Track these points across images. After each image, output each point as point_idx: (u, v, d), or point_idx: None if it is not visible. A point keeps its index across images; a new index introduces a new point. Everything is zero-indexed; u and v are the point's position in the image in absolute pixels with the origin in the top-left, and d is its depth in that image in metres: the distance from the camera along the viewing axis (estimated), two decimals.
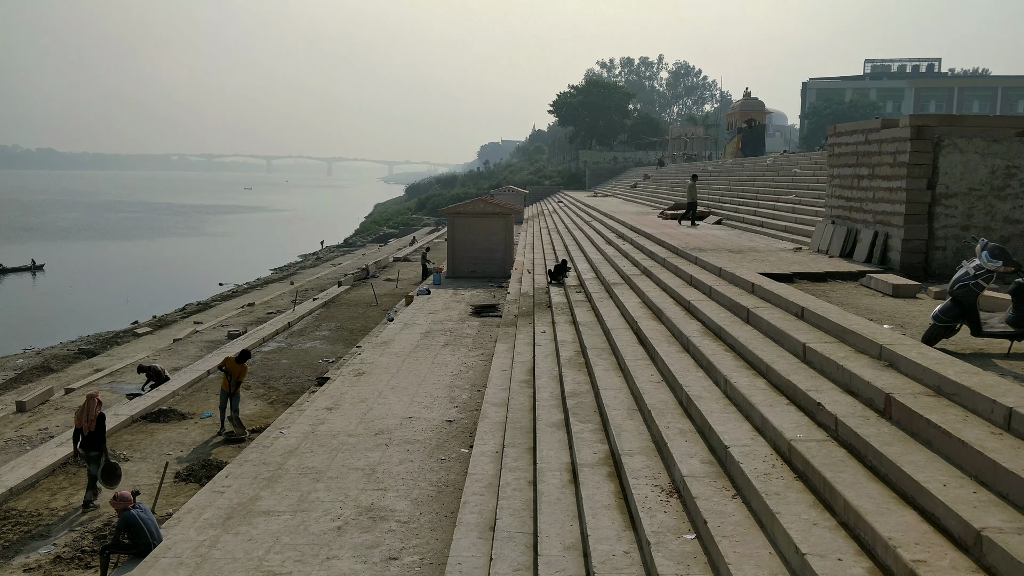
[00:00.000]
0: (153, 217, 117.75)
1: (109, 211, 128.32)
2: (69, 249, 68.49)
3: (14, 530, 10.30)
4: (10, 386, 21.81)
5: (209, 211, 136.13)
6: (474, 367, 17.30)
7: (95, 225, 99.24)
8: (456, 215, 33.60)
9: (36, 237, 78.79)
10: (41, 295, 46.87)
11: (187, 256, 68.46)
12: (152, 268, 59.85)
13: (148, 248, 74.63)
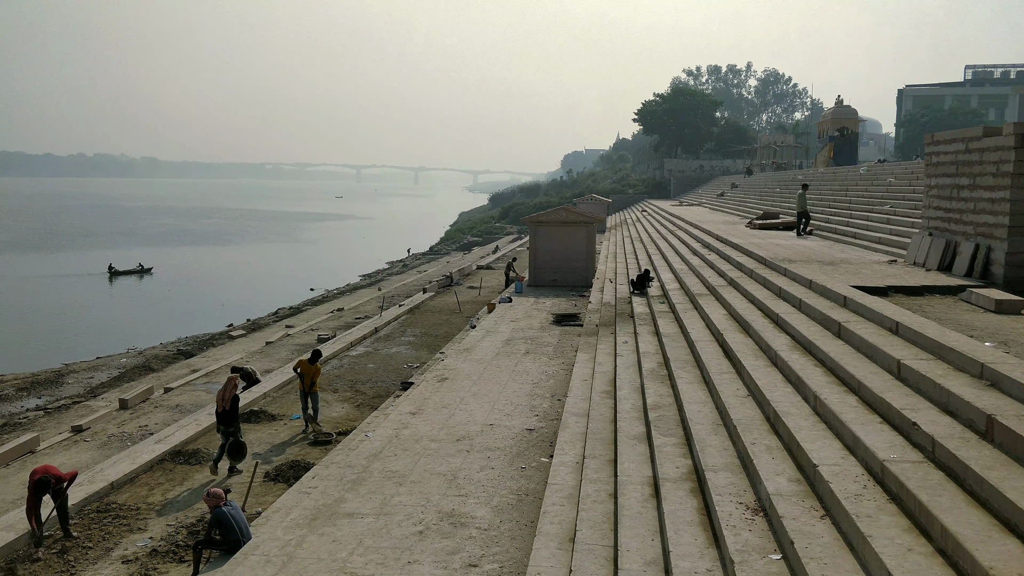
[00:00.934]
0: (248, 224, 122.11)
1: (207, 217, 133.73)
2: (171, 254, 71.60)
3: (114, 523, 10.80)
4: (113, 384, 22.95)
5: (301, 218, 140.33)
6: (554, 376, 17.29)
7: (194, 231, 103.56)
8: (538, 224, 33.68)
9: (140, 242, 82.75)
10: (147, 297, 49.17)
11: (280, 262, 70.70)
12: (247, 273, 62.08)
13: (243, 254, 77.41)
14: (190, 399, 18.20)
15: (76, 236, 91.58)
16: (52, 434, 16.24)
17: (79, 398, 21.17)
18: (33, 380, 23.94)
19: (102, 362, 26.83)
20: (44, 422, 18.23)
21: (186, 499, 11.61)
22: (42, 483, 9.85)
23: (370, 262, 66.37)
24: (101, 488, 11.73)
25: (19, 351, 31.38)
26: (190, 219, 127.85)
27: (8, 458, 14.12)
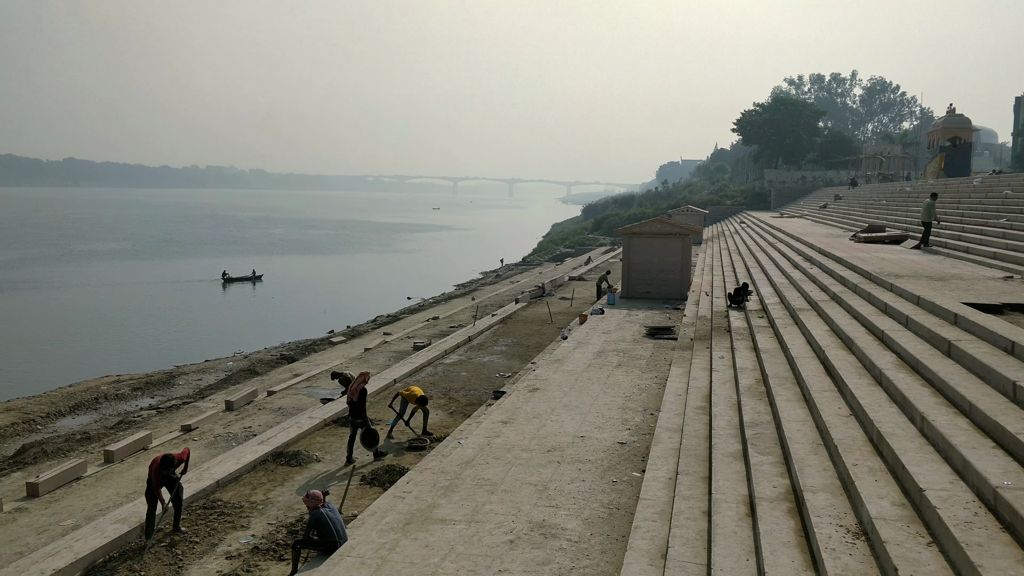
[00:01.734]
0: (350, 234, 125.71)
1: (312, 227, 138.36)
2: (278, 262, 74.30)
3: (219, 519, 11.29)
4: (220, 386, 23.98)
5: (400, 229, 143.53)
6: (647, 390, 17.10)
7: (300, 240, 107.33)
8: (632, 235, 33.42)
9: (250, 250, 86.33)
10: (255, 303, 51.22)
11: (379, 271, 72.46)
12: (348, 281, 63.91)
13: (345, 263, 79.72)
14: (292, 402, 18.84)
15: (191, 244, 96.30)
16: (163, 432, 17.10)
17: (188, 399, 22.21)
18: (147, 381, 25.29)
19: (210, 365, 28.09)
20: (156, 421, 19.21)
21: (286, 499, 12.02)
22: (167, 459, 10.38)
23: (464, 272, 67.25)
24: (208, 486, 12.29)
25: (136, 353, 33.21)
26: (296, 229, 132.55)
27: (123, 454, 14.95)
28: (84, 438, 18.15)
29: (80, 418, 21.45)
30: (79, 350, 34.21)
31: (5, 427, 20.22)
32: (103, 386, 24.75)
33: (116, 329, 40.08)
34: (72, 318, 42.89)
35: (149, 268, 68.74)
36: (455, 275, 64.50)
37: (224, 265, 62.80)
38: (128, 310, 46.12)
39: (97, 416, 21.59)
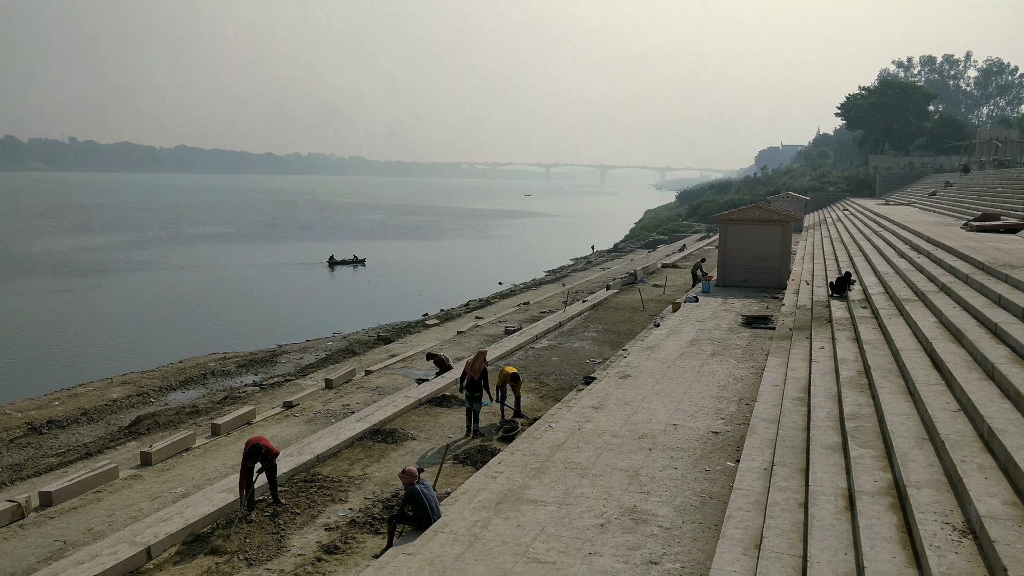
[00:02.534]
0: (445, 220, 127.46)
1: (409, 214, 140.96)
2: (377, 247, 76.00)
3: (319, 493, 11.71)
4: (320, 365, 24.80)
5: (493, 215, 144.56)
6: (743, 380, 16.77)
7: (397, 226, 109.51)
8: (729, 222, 32.70)
9: (350, 235, 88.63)
10: (355, 286, 52.65)
11: (472, 256, 73.27)
12: (441, 266, 64.89)
13: (440, 248, 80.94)
14: (388, 382, 19.32)
15: (294, 229, 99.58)
16: (266, 408, 17.83)
17: (290, 376, 23.07)
18: (251, 359, 26.38)
19: (311, 344, 29.07)
20: (259, 397, 20.04)
21: (382, 475, 12.37)
22: (255, 449, 10.82)
23: (555, 258, 67.24)
24: (308, 460, 12.76)
25: (241, 332, 34.66)
26: (393, 215, 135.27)
27: (229, 427, 15.67)
28: (193, 411, 19.12)
29: (189, 392, 22.58)
30: (189, 328, 35.95)
31: (121, 399, 21.48)
32: (211, 362, 25.97)
33: (223, 309, 41.92)
34: (182, 297, 45.07)
35: (255, 251, 71.47)
36: (546, 261, 64.57)
37: (328, 249, 64.77)
38: (234, 291, 48.13)
39: (205, 391, 22.69)
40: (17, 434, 18.58)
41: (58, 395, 22.20)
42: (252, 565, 9.29)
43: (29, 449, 17.74)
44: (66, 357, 29.85)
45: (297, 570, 9.16)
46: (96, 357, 29.71)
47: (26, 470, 15.53)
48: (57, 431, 18.88)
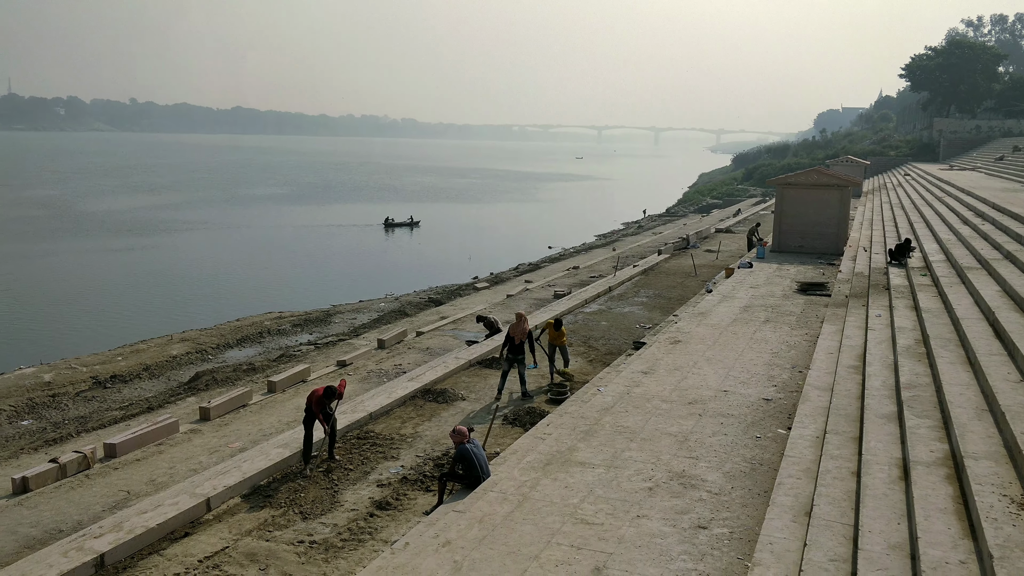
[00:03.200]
0: (495, 183, 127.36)
1: (460, 176, 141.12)
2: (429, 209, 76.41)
3: (371, 450, 11.95)
4: (372, 326, 25.17)
5: (543, 179, 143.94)
6: (796, 347, 16.54)
7: (448, 188, 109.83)
8: (786, 186, 32.01)
9: (402, 198, 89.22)
10: (409, 248, 53.10)
11: (522, 220, 73.17)
12: (491, 229, 64.99)
13: (490, 211, 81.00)
14: (439, 343, 19.53)
15: (347, 190, 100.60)
16: (320, 367, 18.18)
17: (343, 336, 23.47)
18: (306, 318, 26.89)
19: (364, 305, 29.49)
20: (314, 355, 20.44)
21: (433, 434, 12.56)
22: (330, 390, 11.03)
23: (606, 222, 66.77)
24: (361, 417, 13.02)
25: (296, 292, 35.31)
26: (444, 177, 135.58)
27: (285, 385, 16.03)
28: (249, 369, 19.62)
29: (246, 350, 23.14)
30: (245, 287, 36.73)
31: (181, 356, 22.12)
32: (267, 321, 26.54)
33: (279, 269, 42.71)
34: (239, 257, 46.00)
35: (310, 212, 72.45)
36: (596, 225, 64.17)
37: (382, 211, 65.32)
38: (290, 251, 48.94)
39: (261, 349, 23.22)
40: (82, 388, 19.30)
41: (121, 351, 22.95)
42: (307, 519, 9.56)
43: (94, 402, 18.42)
44: (128, 314, 30.80)
45: (350, 524, 9.40)
46: (156, 314, 30.60)
47: (91, 422, 16.15)
48: (120, 385, 19.56)
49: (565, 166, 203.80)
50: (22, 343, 26.01)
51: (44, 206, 70.58)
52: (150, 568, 8.45)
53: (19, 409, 17.74)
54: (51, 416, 17.52)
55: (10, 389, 18.87)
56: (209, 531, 9.31)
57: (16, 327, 28.42)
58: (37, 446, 14.22)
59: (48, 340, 26.26)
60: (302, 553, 8.70)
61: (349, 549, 8.82)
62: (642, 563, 7.65)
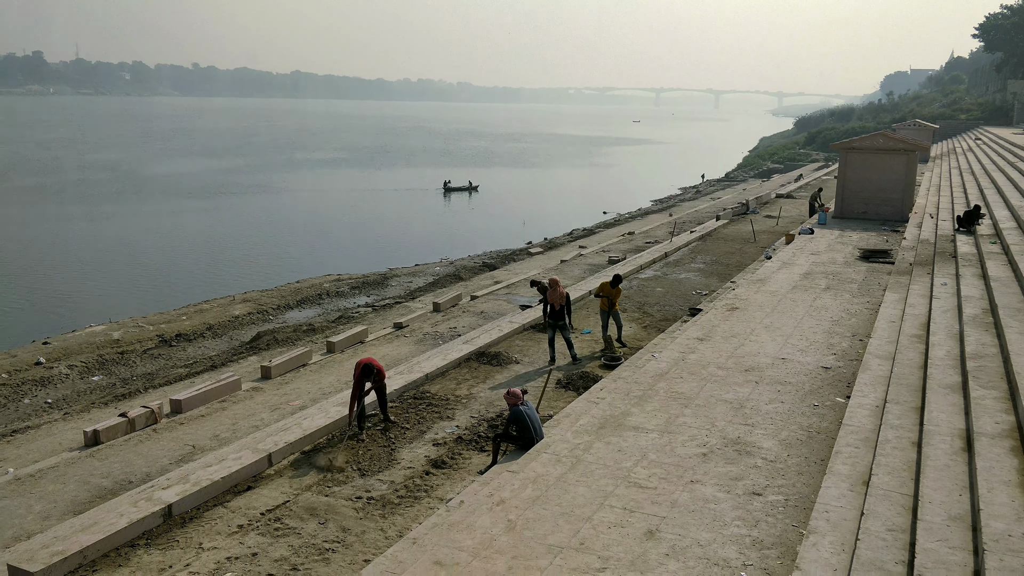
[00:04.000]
0: (550, 147, 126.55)
1: (512, 141, 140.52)
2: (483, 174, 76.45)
3: (427, 410, 12.14)
4: (428, 289, 25.41)
5: (599, 143, 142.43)
6: (857, 315, 16.19)
7: (503, 153, 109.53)
8: (850, 150, 31.11)
9: (457, 162, 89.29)
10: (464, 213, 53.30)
11: (576, 185, 72.69)
12: (545, 194, 64.74)
13: (542, 176, 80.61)
14: (493, 307, 19.64)
15: (403, 155, 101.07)
16: (377, 328, 18.47)
17: (400, 299, 23.76)
18: (363, 281, 27.27)
19: (419, 269, 29.78)
20: (371, 317, 20.76)
21: (487, 396, 12.70)
22: (367, 368, 11.23)
23: (663, 187, 65.93)
24: (417, 378, 13.22)
25: (354, 255, 35.79)
26: (499, 142, 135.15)
27: (343, 346, 16.34)
28: (309, 329, 20.03)
29: (306, 311, 23.62)
30: (305, 250, 37.38)
31: (243, 316, 22.68)
32: (325, 283, 27.02)
33: (337, 232, 43.30)
34: (298, 220, 46.76)
35: (368, 176, 73.12)
36: (653, 190, 63.41)
37: (441, 175, 65.54)
38: (348, 215, 49.55)
39: (320, 310, 23.67)
40: (149, 345, 19.97)
41: (185, 310, 23.63)
42: (364, 475, 9.79)
43: (160, 360, 19.06)
44: (191, 275, 31.64)
45: (407, 482, 9.60)
46: (219, 275, 31.38)
47: (157, 379, 16.73)
48: (185, 344, 20.17)
49: (622, 129, 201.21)
50: (92, 302, 26.96)
51: (110, 169, 72.56)
52: (215, 519, 8.77)
53: (90, 365, 18.46)
54: (120, 372, 18.20)
55: (81, 346, 19.63)
56: (271, 485, 9.62)
57: (86, 286, 29.45)
58: (107, 401, 14.81)
59: (116, 299, 27.17)
60: (360, 508, 8.93)
61: (405, 506, 9.02)
62: (695, 527, 7.67)
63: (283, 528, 8.47)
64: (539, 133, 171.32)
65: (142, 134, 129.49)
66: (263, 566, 7.74)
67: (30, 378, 17.38)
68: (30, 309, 26.04)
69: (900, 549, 6.80)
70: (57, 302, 26.98)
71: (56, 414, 14.31)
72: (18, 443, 12.12)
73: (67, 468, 10.51)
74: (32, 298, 27.47)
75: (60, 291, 28.54)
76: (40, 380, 17.36)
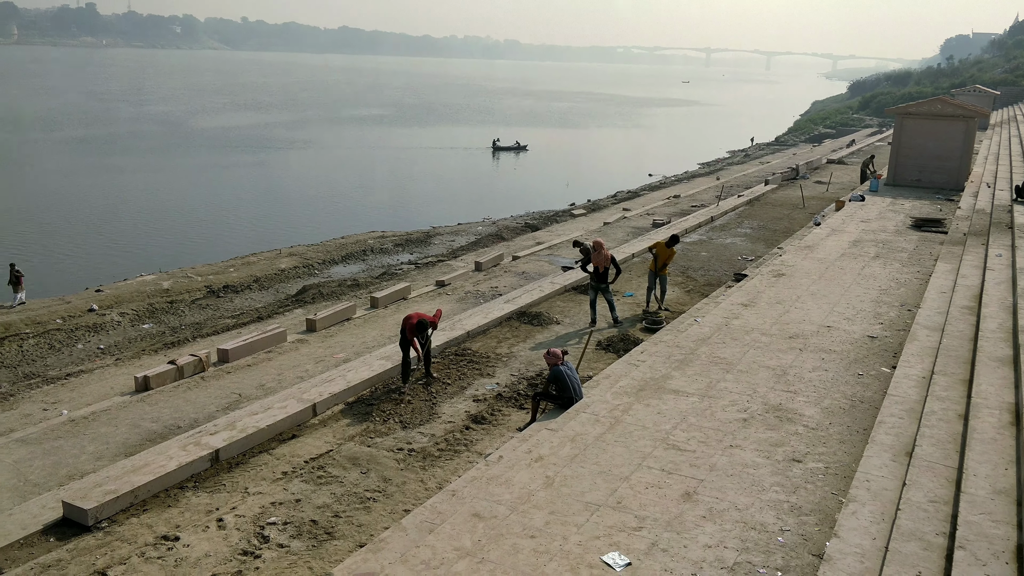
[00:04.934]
0: (596, 107, 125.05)
1: (558, 100, 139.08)
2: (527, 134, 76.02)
3: (468, 367, 12.25)
4: (470, 248, 25.48)
5: (646, 103, 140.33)
6: (906, 284, 15.87)
7: (547, 113, 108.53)
8: (906, 116, 30.22)
9: (500, 122, 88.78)
10: (507, 173, 53.11)
11: (621, 146, 71.85)
12: (589, 155, 64.14)
13: (588, 136, 79.81)
14: (534, 267, 19.64)
15: (448, 113, 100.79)
16: (420, 286, 18.61)
17: (442, 257, 23.88)
18: (407, 238, 27.44)
19: (462, 228, 29.83)
20: (414, 275, 20.92)
21: (527, 355, 12.76)
22: (423, 324, 11.32)
23: (710, 150, 64.84)
24: (459, 335, 13.33)
25: (398, 213, 35.99)
26: (545, 101, 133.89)
27: (386, 301, 16.51)
28: (353, 284, 20.27)
29: (350, 267, 23.88)
30: (350, 206, 37.66)
31: (289, 269, 23.01)
32: (370, 240, 27.24)
33: (381, 189, 43.49)
34: (343, 176, 47.03)
35: (413, 134, 73.10)
36: (700, 153, 62.42)
37: (486, 135, 65.30)
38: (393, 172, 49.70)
39: (364, 266, 23.92)
40: (197, 296, 20.39)
41: (232, 262, 24.05)
42: (406, 428, 9.95)
43: (208, 310, 19.48)
44: (238, 228, 32.12)
45: (447, 436, 9.74)
46: (265, 229, 31.82)
47: (205, 328, 17.12)
48: (232, 295, 20.56)
49: (670, 90, 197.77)
50: (142, 252, 27.57)
51: (160, 122, 73.60)
52: (260, 465, 9.01)
53: (140, 313, 18.94)
54: (169, 321, 18.65)
55: (132, 294, 20.13)
56: (315, 434, 9.83)
57: (137, 237, 30.09)
58: (157, 348, 15.21)
59: (165, 250, 27.75)
60: (401, 460, 9.09)
61: (445, 459, 9.16)
62: (733, 491, 7.67)
63: (326, 476, 8.67)
64: (585, 92, 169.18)
65: (190, 87, 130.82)
66: (306, 512, 7.95)
67: (83, 324, 17.91)
68: (83, 257, 26.73)
69: (942, 521, 6.74)
70: (109, 251, 27.65)
71: (108, 360, 14.76)
72: (72, 386, 12.54)
73: (119, 412, 10.85)
74: (85, 246, 28.18)
75: (112, 240, 29.22)
76: (93, 326, 17.88)
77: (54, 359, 16.04)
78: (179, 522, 7.81)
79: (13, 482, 8.89)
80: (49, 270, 24.78)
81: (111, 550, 7.32)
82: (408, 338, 11.17)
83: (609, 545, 6.75)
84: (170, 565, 7.08)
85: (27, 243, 28.10)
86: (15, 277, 19.45)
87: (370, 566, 6.47)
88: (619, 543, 6.78)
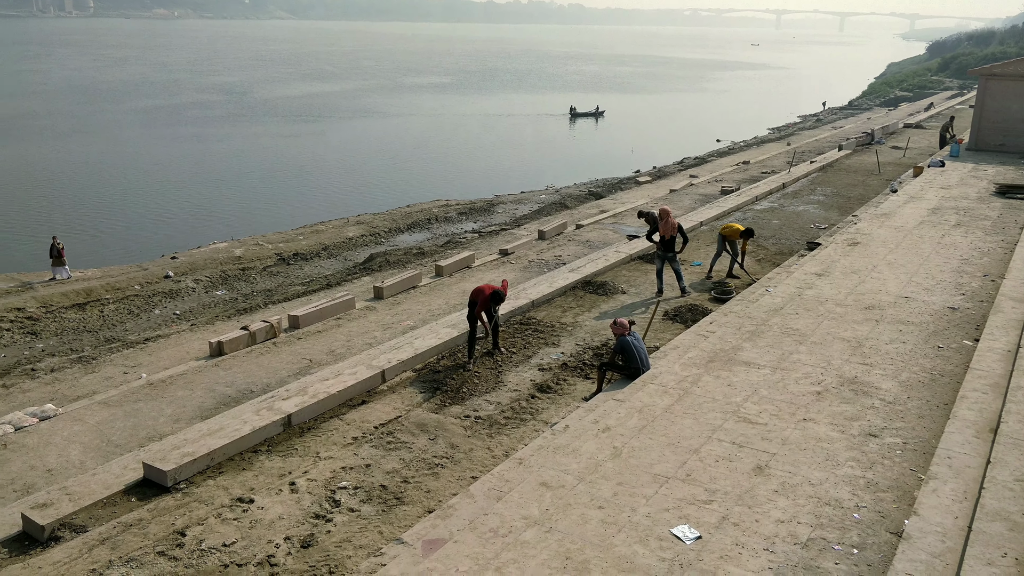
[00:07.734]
0: (659, 71, 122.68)
1: (622, 64, 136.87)
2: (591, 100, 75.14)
3: (533, 336, 12.23)
4: (533, 217, 25.38)
5: (713, 67, 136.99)
6: (990, 254, 15.22)
7: (610, 78, 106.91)
8: (990, 77, 28.80)
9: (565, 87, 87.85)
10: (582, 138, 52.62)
11: (688, 111, 70.37)
12: (654, 121, 63.01)
13: (653, 101, 78.37)
14: (599, 236, 19.46)
15: (512, 79, 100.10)
16: (484, 254, 18.63)
17: (506, 226, 23.85)
18: (470, 207, 27.46)
19: (525, 196, 29.71)
20: (478, 243, 20.95)
21: (592, 324, 12.66)
22: (497, 295, 11.24)
23: (781, 115, 63.01)
24: (524, 304, 13.30)
25: (461, 181, 36.02)
26: (609, 66, 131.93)
27: (451, 270, 16.58)
28: (419, 253, 20.41)
29: (415, 235, 24.05)
30: (414, 174, 37.83)
31: (356, 238, 23.29)
32: (434, 208, 27.36)
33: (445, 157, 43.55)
34: (407, 145, 47.21)
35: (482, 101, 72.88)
36: (770, 118, 60.72)
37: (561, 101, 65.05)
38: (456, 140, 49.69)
39: (429, 235, 24.05)
40: (268, 263, 20.82)
41: (302, 230, 24.45)
42: (473, 396, 10.00)
43: (278, 277, 19.88)
44: (306, 196, 32.60)
45: (512, 404, 9.76)
46: (333, 197, 32.23)
47: (276, 295, 17.48)
48: (301, 263, 20.94)
49: (739, 53, 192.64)
50: (214, 220, 28.24)
51: (227, 92, 74.91)
52: (331, 431, 9.17)
53: (214, 280, 19.44)
54: (241, 288, 19.10)
55: (206, 261, 20.66)
56: (384, 400, 9.96)
57: (209, 205, 30.82)
58: (230, 314, 15.60)
59: (237, 218, 28.35)
60: (468, 427, 9.15)
61: (511, 427, 9.18)
62: (806, 466, 7.50)
63: (395, 442, 8.79)
64: (652, 57, 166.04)
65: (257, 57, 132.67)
66: (376, 477, 8.07)
67: (160, 290, 18.47)
68: (159, 225, 27.51)
69: None
70: (183, 219, 28.39)
71: (184, 325, 15.19)
72: (150, 351, 12.96)
73: (195, 376, 11.17)
74: (161, 214, 28.99)
75: (185, 209, 29.99)
76: (169, 292, 18.43)
77: (133, 324, 16.61)
78: (253, 485, 8.01)
79: (96, 443, 9.25)
80: (127, 237, 25.60)
81: (189, 511, 7.56)
82: (478, 311, 11.14)
83: (679, 518, 6.68)
84: (245, 526, 7.28)
85: (107, 209, 29.07)
86: (57, 251, 19.16)
87: (439, 532, 6.54)
88: (689, 516, 6.71)
